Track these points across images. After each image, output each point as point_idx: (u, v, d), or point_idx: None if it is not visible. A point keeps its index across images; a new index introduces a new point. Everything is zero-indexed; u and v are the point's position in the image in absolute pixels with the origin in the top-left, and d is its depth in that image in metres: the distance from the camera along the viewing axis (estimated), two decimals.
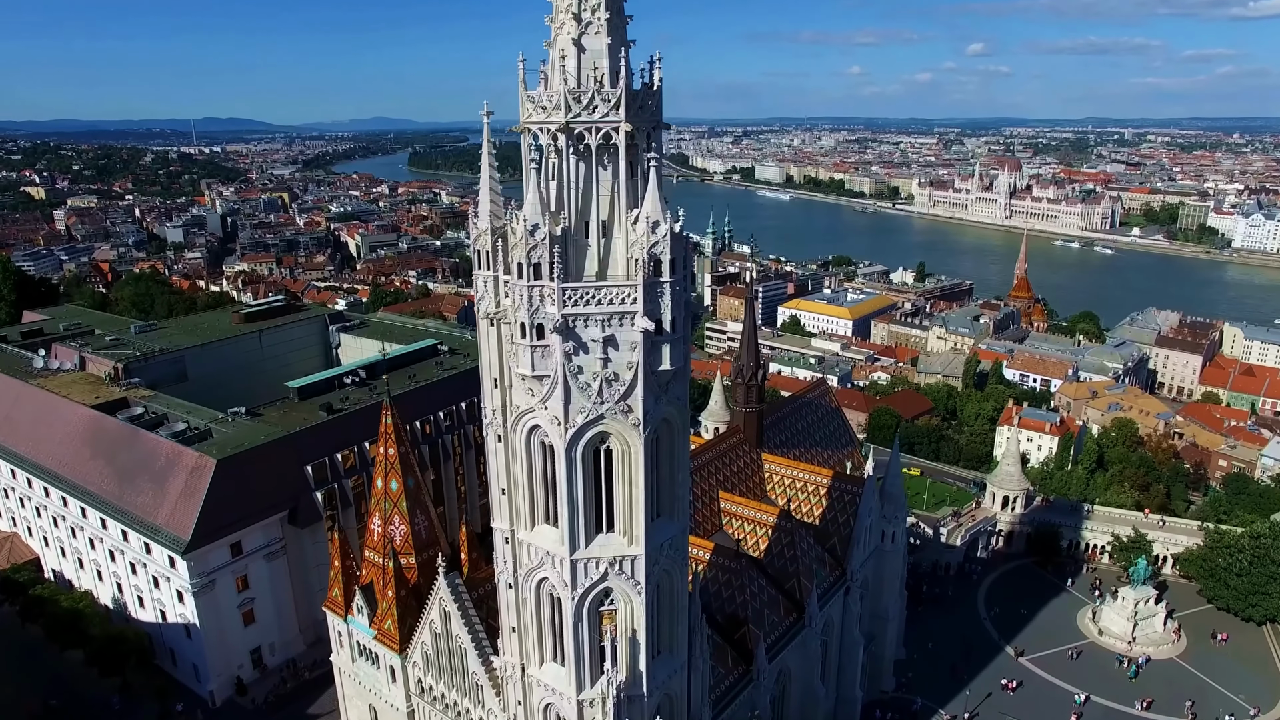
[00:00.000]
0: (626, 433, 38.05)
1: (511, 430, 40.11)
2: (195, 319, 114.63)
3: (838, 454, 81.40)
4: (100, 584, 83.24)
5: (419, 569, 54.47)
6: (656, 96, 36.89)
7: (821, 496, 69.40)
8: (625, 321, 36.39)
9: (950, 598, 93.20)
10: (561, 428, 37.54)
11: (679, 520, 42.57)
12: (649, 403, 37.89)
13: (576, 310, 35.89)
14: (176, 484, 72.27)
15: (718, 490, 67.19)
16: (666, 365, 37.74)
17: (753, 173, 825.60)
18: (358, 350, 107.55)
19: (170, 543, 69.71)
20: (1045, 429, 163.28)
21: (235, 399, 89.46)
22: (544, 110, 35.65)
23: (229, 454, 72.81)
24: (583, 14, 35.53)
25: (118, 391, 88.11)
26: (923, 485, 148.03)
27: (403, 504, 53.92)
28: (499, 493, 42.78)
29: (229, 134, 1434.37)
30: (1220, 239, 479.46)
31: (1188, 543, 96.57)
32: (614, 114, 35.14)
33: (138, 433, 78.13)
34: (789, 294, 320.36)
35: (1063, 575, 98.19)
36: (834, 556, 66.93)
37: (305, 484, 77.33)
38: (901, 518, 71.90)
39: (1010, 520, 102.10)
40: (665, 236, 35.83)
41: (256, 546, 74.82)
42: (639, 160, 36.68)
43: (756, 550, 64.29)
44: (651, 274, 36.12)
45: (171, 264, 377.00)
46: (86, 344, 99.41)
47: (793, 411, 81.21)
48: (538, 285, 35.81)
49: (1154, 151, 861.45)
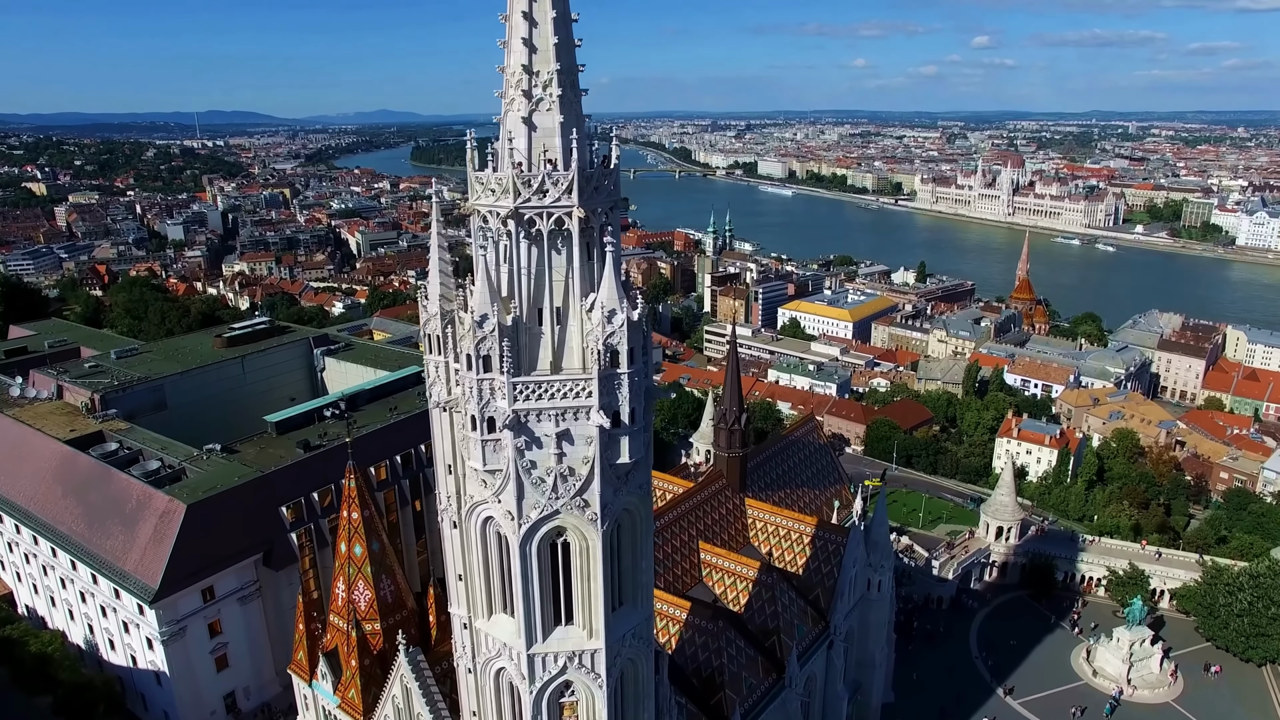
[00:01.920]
0: (583, 528, 36.21)
1: (466, 519, 38.29)
2: (178, 342, 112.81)
3: (825, 492, 79.62)
4: (72, 623, 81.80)
5: (384, 635, 52.75)
6: (613, 174, 34.94)
7: (805, 545, 67.54)
8: (580, 415, 34.47)
9: (942, 634, 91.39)
10: (515, 523, 35.70)
11: (642, 608, 40.75)
12: (607, 496, 36.01)
13: (528, 405, 34.00)
14: (146, 528, 70.61)
15: (698, 541, 65.40)
16: (625, 459, 35.80)
17: (755, 168, 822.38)
18: (341, 374, 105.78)
19: (138, 590, 68.10)
20: (1045, 441, 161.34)
21: (214, 429, 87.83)
22: (493, 193, 33.70)
23: (200, 498, 71.06)
24: (533, 90, 33.58)
25: (93, 424, 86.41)
26: (919, 501, 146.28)
27: (367, 569, 52.19)
28: (455, 578, 41.09)
29: (233, 127, 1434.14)
30: (1224, 236, 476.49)
31: (1185, 577, 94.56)
32: (566, 198, 33.17)
33: (109, 472, 76.43)
34: (789, 295, 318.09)
35: (1058, 609, 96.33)
36: (817, 609, 65.10)
37: (280, 525, 75.57)
38: (888, 566, 70.00)
39: (1004, 551, 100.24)
40: (622, 326, 33.87)
41: (229, 590, 73.16)
42: (595, 242, 34.76)
43: (737, 605, 62.52)
44: (608, 365, 34.23)
45: (171, 262, 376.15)
46: (65, 371, 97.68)
47: (780, 451, 79.33)
48: (487, 378, 33.89)
49: (1158, 146, 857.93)
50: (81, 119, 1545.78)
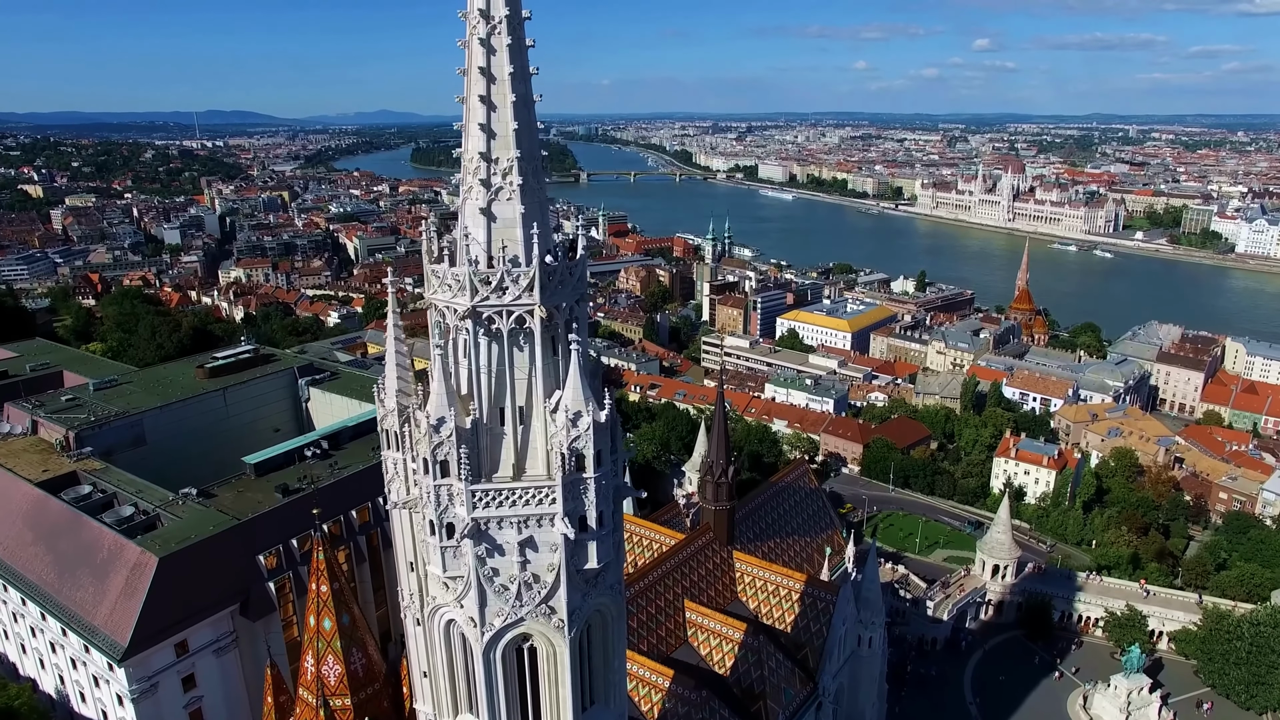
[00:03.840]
0: (550, 634, 34.33)
1: (429, 620, 36.42)
2: (159, 372, 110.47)
3: (817, 539, 77.76)
4: (43, 672, 79.80)
5: (355, 710, 50.93)
6: (580, 266, 32.97)
7: (794, 603, 65.65)
8: (545, 522, 32.61)
9: (935, 678, 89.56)
10: (478, 630, 33.84)
11: (615, 707, 38.84)
12: (575, 602, 34.13)
13: (489, 513, 32.15)
14: (117, 581, 68.60)
15: (683, 599, 63.48)
16: (593, 564, 33.88)
17: (756, 171, 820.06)
18: (326, 406, 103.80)
19: (107, 648, 66.03)
20: (1043, 462, 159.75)
21: (195, 465, 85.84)
22: (449, 289, 31.78)
23: (173, 550, 68.95)
24: (492, 179, 31.64)
25: (68, 463, 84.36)
26: (916, 525, 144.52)
27: (337, 644, 50.39)
28: (420, 675, 39.19)
29: (232, 127, 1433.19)
30: (1224, 244, 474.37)
31: (1185, 619, 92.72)
32: (527, 296, 31.24)
33: (81, 519, 74.34)
34: (788, 304, 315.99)
35: (1054, 650, 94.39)
36: (805, 669, 63.23)
37: (258, 574, 73.48)
38: (879, 622, 68.05)
39: (1001, 590, 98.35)
40: (588, 430, 31.97)
41: (204, 643, 71.04)
42: (560, 338, 32.83)
43: (722, 667, 60.66)
44: (574, 470, 32.33)
45: (166, 268, 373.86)
46: (41, 405, 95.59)
47: (770, 499, 77.36)
48: (445, 484, 31.99)
49: (1158, 150, 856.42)
50: (80, 118, 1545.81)
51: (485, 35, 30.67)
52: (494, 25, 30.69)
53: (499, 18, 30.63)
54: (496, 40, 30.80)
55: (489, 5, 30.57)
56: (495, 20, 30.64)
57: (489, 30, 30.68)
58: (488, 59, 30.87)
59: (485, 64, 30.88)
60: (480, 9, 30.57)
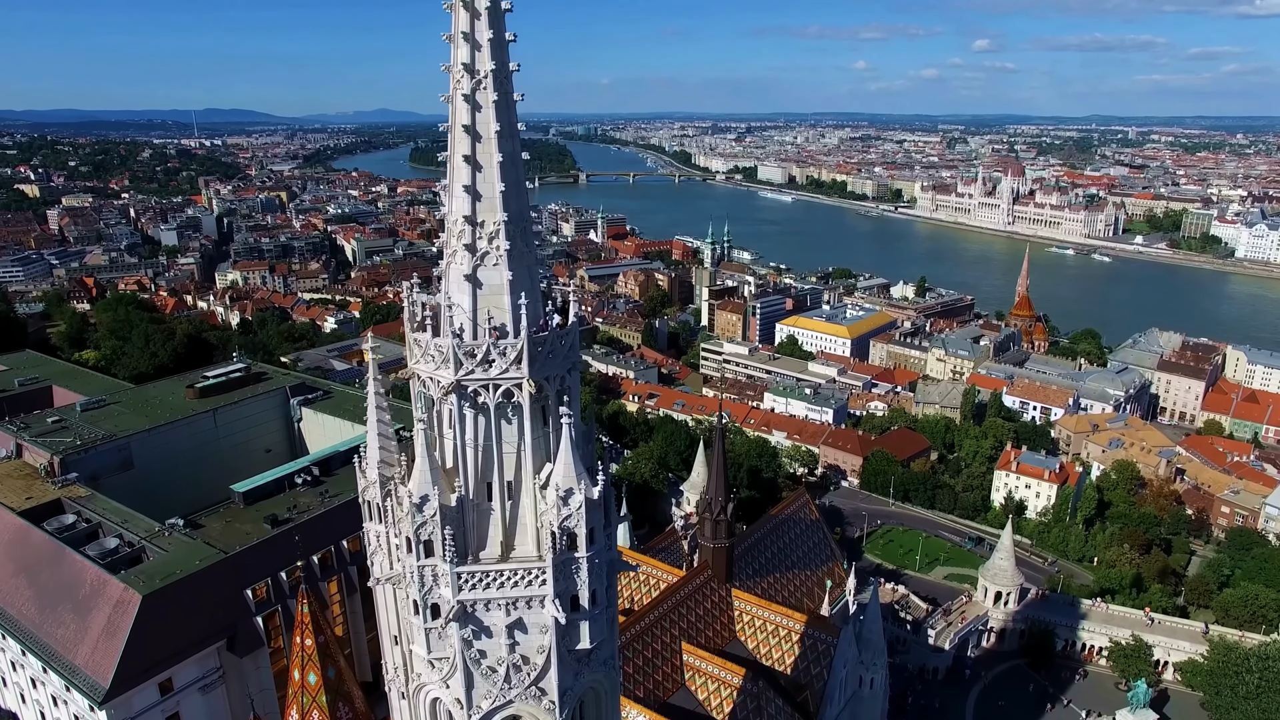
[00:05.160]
0: (541, 716, 32.62)
1: (414, 696, 34.71)
2: (148, 392, 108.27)
3: (817, 572, 76.10)
4: (24, 706, 78.08)
5: None
6: (570, 335, 31.25)
7: (794, 643, 64.01)
8: (534, 604, 30.89)
9: (936, 710, 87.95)
10: (465, 712, 32.15)
11: None
12: (566, 683, 32.42)
13: (475, 595, 30.42)
14: (99, 618, 66.85)
15: (680, 642, 61.78)
16: (586, 644, 32.17)
17: (755, 173, 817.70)
18: (318, 427, 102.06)
19: (88, 688, 64.31)
20: (1044, 476, 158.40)
21: (183, 489, 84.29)
22: (432, 360, 30.04)
23: (157, 586, 67.20)
24: (478, 244, 29.89)
25: (52, 490, 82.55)
26: (916, 541, 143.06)
27: (322, 698, 48.65)
28: None
29: (231, 125, 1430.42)
30: (1224, 248, 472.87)
31: (1191, 649, 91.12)
32: (515, 369, 29.49)
33: (63, 551, 72.50)
34: (787, 310, 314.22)
35: (1057, 681, 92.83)
36: (805, 713, 61.60)
37: (245, 609, 71.79)
38: (881, 663, 66.42)
39: (1003, 617, 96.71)
40: (580, 508, 30.24)
41: (190, 680, 69.31)
42: (551, 410, 31.11)
43: (720, 713, 58.98)
44: (565, 549, 30.63)
45: (163, 270, 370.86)
46: (26, 428, 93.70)
47: (770, 533, 75.60)
48: (429, 564, 30.28)
49: (1158, 152, 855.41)
50: (78, 115, 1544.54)
51: (470, 91, 28.95)
52: (479, 80, 28.97)
53: (484, 72, 28.90)
54: (482, 96, 29.08)
55: (473, 59, 28.84)
56: (481, 75, 28.92)
57: (474, 85, 28.97)
58: (472, 116, 29.14)
59: (470, 121, 29.16)
60: (464, 63, 28.81)
